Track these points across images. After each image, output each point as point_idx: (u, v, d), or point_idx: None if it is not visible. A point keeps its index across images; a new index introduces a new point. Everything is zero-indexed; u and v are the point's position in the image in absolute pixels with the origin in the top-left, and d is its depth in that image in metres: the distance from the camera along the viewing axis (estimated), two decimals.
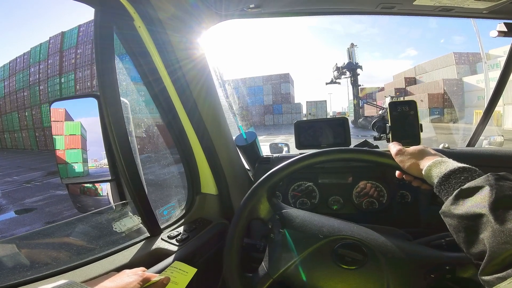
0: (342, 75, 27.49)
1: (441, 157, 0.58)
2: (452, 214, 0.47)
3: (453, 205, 0.48)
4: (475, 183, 0.47)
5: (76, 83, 25.85)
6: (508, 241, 0.38)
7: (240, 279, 0.64)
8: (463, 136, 1.48)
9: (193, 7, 0.84)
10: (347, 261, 0.61)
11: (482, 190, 0.45)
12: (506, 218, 0.40)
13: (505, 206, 0.42)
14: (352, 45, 26.81)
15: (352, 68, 26.25)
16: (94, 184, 1.07)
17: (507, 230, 0.39)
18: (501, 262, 0.39)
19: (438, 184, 0.53)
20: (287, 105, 36.48)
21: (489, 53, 17.16)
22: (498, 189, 0.43)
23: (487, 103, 1.33)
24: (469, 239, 0.44)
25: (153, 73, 0.82)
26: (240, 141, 1.14)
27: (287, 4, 0.97)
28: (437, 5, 0.91)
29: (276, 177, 0.68)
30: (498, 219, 0.41)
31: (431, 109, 21.83)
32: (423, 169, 0.58)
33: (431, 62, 29.04)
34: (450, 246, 0.64)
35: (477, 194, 0.45)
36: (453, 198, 0.48)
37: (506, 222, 0.40)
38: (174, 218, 0.93)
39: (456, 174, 0.52)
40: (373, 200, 1.03)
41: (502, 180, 0.45)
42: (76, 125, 0.93)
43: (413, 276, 0.59)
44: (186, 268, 0.70)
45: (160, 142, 1.51)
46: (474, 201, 0.45)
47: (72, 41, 26.44)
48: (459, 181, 0.50)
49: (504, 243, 0.39)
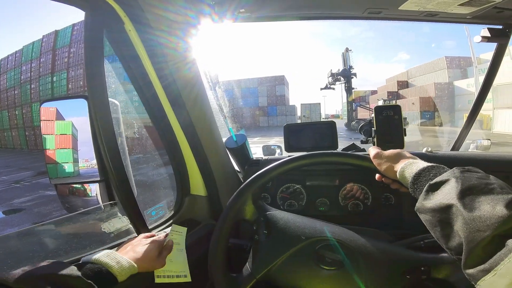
0: (336, 81, 27.92)
1: (414, 159, 0.61)
2: (425, 209, 0.49)
3: (424, 200, 0.49)
4: (442, 177, 0.49)
5: (69, 82, 25.45)
6: (480, 228, 0.39)
7: (225, 278, 0.66)
8: (448, 140, 1.51)
9: (184, 11, 0.85)
10: (328, 262, 0.64)
11: (448, 182, 0.47)
12: (474, 205, 0.41)
13: (472, 194, 0.43)
14: (347, 50, 27.19)
15: (346, 75, 26.65)
16: (83, 185, 1.07)
17: (477, 217, 0.40)
18: (481, 253, 0.38)
19: (412, 184, 0.55)
20: (282, 107, 36.61)
21: (480, 58, 17.54)
22: (464, 180, 0.45)
23: (471, 108, 1.37)
24: (445, 232, 0.45)
25: (143, 76, 0.83)
26: (230, 143, 1.16)
27: (277, 9, 1.00)
28: (422, 10, 0.94)
29: (261, 180, 0.70)
30: (466, 207, 0.42)
31: (423, 112, 22.22)
32: (397, 172, 0.60)
33: (423, 66, 29.56)
34: (429, 248, 0.66)
35: (444, 187, 0.47)
36: (424, 194, 0.50)
37: (474, 209, 0.41)
38: (162, 219, 0.94)
39: (426, 172, 0.54)
40: (358, 202, 1.06)
41: (467, 172, 0.48)
42: (67, 124, 0.93)
43: (390, 278, 0.61)
44: (179, 229, 0.83)
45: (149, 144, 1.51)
46: (442, 194, 0.47)
47: (65, 40, 26.05)
48: (429, 178, 0.52)
49: (477, 230, 0.39)
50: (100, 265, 0.57)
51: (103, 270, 0.56)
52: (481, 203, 0.41)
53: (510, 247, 0.35)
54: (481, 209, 0.40)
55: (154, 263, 0.67)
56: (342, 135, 13.91)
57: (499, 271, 0.35)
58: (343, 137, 12.22)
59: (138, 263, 0.62)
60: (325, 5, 0.99)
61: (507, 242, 0.36)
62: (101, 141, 0.69)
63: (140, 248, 0.66)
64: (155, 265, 0.67)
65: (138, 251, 0.65)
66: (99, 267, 0.56)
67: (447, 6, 0.90)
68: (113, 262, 0.58)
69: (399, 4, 0.89)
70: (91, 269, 0.55)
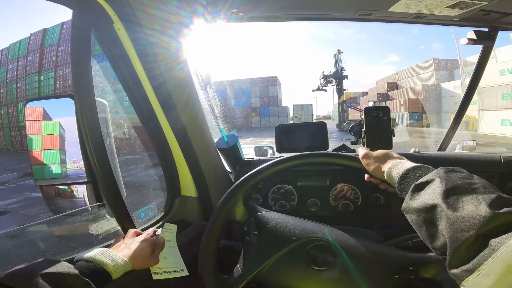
0: (328, 83, 28.27)
1: (401, 159, 0.61)
2: (411, 209, 0.49)
3: (410, 200, 0.50)
4: (427, 177, 0.49)
5: (56, 81, 24.81)
6: (464, 228, 0.39)
7: (215, 280, 0.65)
8: (435, 141, 1.54)
9: (177, 11, 0.84)
10: (318, 263, 0.64)
11: (433, 182, 0.47)
12: (458, 205, 0.42)
13: (456, 194, 0.43)
14: (339, 52, 27.54)
15: (338, 78, 27.04)
16: (69, 186, 1.04)
17: (461, 217, 0.40)
18: (465, 253, 0.38)
19: (398, 184, 0.56)
20: (274, 108, 36.71)
21: (467, 60, 18.03)
22: (448, 180, 0.46)
23: (457, 109, 1.40)
24: (430, 232, 0.45)
25: (132, 76, 0.82)
26: (222, 144, 1.15)
27: (270, 10, 1.00)
28: (411, 12, 0.96)
29: (251, 181, 0.70)
30: (450, 207, 0.42)
31: (411, 113, 22.68)
32: (385, 172, 0.61)
33: (412, 68, 30.17)
34: (416, 247, 0.67)
35: (429, 187, 0.48)
36: (409, 194, 0.50)
37: (458, 209, 0.41)
38: (152, 221, 0.93)
39: (412, 172, 0.54)
40: (348, 203, 1.07)
41: (451, 172, 0.48)
42: (55, 124, 0.90)
43: (379, 277, 0.61)
44: (170, 227, 0.85)
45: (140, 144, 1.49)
46: (427, 194, 0.47)
47: (54, 38, 25.39)
48: (414, 178, 0.53)
49: (460, 230, 0.39)
50: (95, 263, 0.57)
51: (98, 268, 0.56)
52: (465, 203, 0.41)
53: (493, 247, 0.35)
54: (464, 208, 0.40)
55: (148, 261, 0.67)
56: (333, 136, 14.05)
57: (482, 271, 0.35)
58: (334, 138, 12.34)
59: (132, 261, 0.62)
60: (317, 7, 0.99)
61: (490, 241, 0.36)
62: (88, 142, 0.67)
63: (133, 245, 0.66)
64: (149, 263, 0.68)
65: (132, 249, 0.65)
66: (94, 265, 0.56)
67: (435, 8, 0.92)
68: (108, 260, 0.58)
69: (389, 6, 0.91)
70: (87, 267, 0.55)
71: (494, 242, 0.36)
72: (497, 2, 0.83)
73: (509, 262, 0.33)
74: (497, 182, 0.97)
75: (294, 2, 0.95)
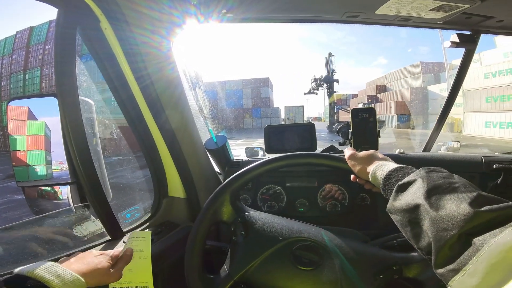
0: (319, 87, 28.69)
1: (385, 160, 0.62)
2: (395, 209, 0.50)
3: (394, 201, 0.50)
4: (409, 178, 0.50)
5: (42, 80, 24.10)
6: (447, 227, 0.39)
7: (201, 280, 0.65)
8: (420, 142, 1.58)
9: (166, 10, 0.83)
10: (304, 262, 0.64)
11: (415, 182, 0.48)
12: (440, 205, 0.42)
13: (437, 193, 0.44)
14: (330, 55, 27.93)
15: (329, 81, 27.49)
16: (53, 187, 1.01)
17: (443, 216, 0.40)
18: (449, 252, 0.39)
19: (382, 185, 0.57)
20: (266, 109, 36.80)
21: (452, 63, 18.53)
22: (429, 180, 0.47)
23: (441, 111, 1.44)
24: (415, 232, 0.46)
25: (119, 75, 0.80)
26: (211, 144, 1.15)
27: (259, 11, 1.00)
28: (396, 15, 0.98)
29: (238, 182, 0.71)
30: (433, 207, 0.42)
31: (399, 115, 23.16)
32: (369, 173, 0.62)
33: (400, 71, 30.82)
34: (401, 247, 0.68)
35: (411, 187, 0.48)
36: (393, 195, 0.51)
37: (440, 208, 0.42)
38: (138, 222, 0.91)
39: (395, 173, 0.55)
40: (336, 203, 1.08)
41: (432, 172, 0.49)
42: (40, 124, 0.88)
43: (364, 277, 0.62)
44: (141, 234, 0.73)
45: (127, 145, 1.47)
46: (410, 194, 0.48)
47: (41, 37, 24.66)
48: (398, 178, 0.53)
49: (443, 229, 0.39)
50: (35, 280, 0.48)
51: (38, 286, 0.47)
52: (446, 202, 0.42)
53: (477, 245, 0.35)
54: (446, 208, 0.41)
55: (107, 277, 0.58)
56: (324, 137, 14.19)
57: (468, 270, 0.35)
58: (325, 139, 12.46)
59: (86, 277, 0.53)
60: (306, 9, 1.01)
61: (473, 240, 0.36)
62: (71, 141, 0.66)
63: (89, 258, 0.57)
64: (108, 279, 0.59)
65: (85, 263, 0.56)
66: (33, 283, 0.47)
67: (419, 11, 0.94)
68: (52, 276, 0.48)
69: (375, 8, 0.93)
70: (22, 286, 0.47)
71: (478, 241, 0.36)
72: (479, 6, 0.85)
73: (493, 261, 0.33)
74: (479, 182, 1.00)
75: (284, 4, 0.96)
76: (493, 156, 1.05)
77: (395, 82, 30.80)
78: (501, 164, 0.98)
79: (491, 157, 1.03)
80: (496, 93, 15.23)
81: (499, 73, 15.18)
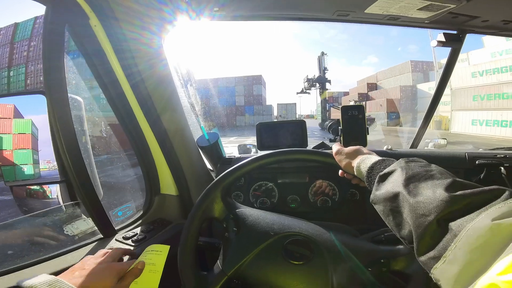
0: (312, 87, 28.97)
1: (369, 154, 0.64)
2: (378, 199, 0.51)
3: (376, 191, 0.52)
4: (390, 168, 0.52)
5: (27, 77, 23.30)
6: (425, 213, 0.40)
7: (195, 277, 0.66)
8: (408, 139, 1.63)
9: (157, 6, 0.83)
10: (296, 257, 0.65)
11: (395, 172, 0.50)
12: (417, 192, 0.43)
13: (415, 181, 0.45)
14: (323, 54, 28.15)
15: (321, 82, 27.80)
16: (42, 186, 1.00)
17: (421, 203, 0.41)
18: (429, 239, 0.39)
19: (366, 178, 0.58)
20: (259, 106, 36.79)
21: (441, 62, 18.92)
22: (408, 169, 0.48)
23: (427, 109, 1.48)
24: (396, 221, 0.46)
25: (109, 73, 0.80)
26: (202, 141, 1.15)
27: (250, 9, 1.01)
28: (385, 14, 1.00)
29: (230, 178, 0.71)
30: (411, 194, 0.43)
31: (389, 113, 23.58)
32: (354, 167, 0.64)
33: (391, 69, 31.31)
34: (389, 240, 0.70)
35: (391, 176, 0.50)
36: (375, 185, 0.53)
37: (418, 195, 0.42)
38: (130, 219, 0.91)
39: (377, 165, 0.57)
40: (326, 199, 1.11)
41: (411, 162, 0.51)
42: (27, 123, 0.86)
43: (354, 271, 0.63)
44: (159, 248, 0.71)
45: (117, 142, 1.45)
46: (390, 183, 0.49)
47: (26, 33, 23.81)
48: (379, 170, 0.55)
49: (422, 215, 0.40)
50: None
51: None
52: (423, 189, 0.43)
53: (454, 231, 0.35)
54: (423, 194, 0.42)
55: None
56: (316, 134, 14.32)
57: (448, 257, 0.35)
58: (317, 137, 12.57)
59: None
60: (297, 7, 1.02)
61: (450, 225, 0.36)
62: (60, 140, 0.65)
63: (94, 273, 0.54)
64: None
65: (90, 277, 0.53)
66: None
67: (407, 10, 0.96)
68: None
69: (365, 7, 0.94)
70: None
71: (455, 226, 0.36)
72: (465, 6, 0.87)
73: (472, 246, 0.32)
74: (463, 177, 1.03)
75: (275, 2, 0.97)
76: (476, 152, 1.09)
77: (385, 80, 31.26)
78: (484, 160, 1.02)
79: (475, 153, 1.07)
80: (483, 92, 15.64)
81: (486, 72, 15.58)
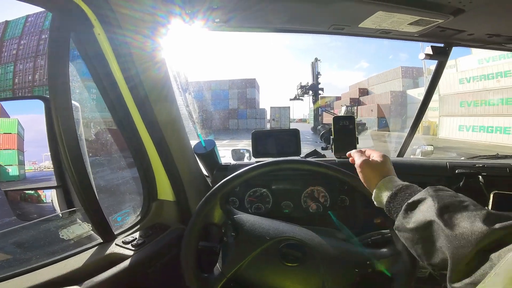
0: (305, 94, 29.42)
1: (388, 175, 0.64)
2: (405, 227, 0.51)
3: (404, 218, 0.52)
4: (418, 196, 0.53)
5: (15, 76, 22.70)
6: (463, 245, 0.41)
7: (197, 279, 0.70)
8: (395, 146, 1.69)
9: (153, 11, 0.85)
10: (290, 259, 0.70)
11: (425, 201, 0.51)
12: (454, 223, 0.44)
13: (449, 211, 0.46)
14: (316, 60, 28.53)
15: (314, 89, 28.26)
16: (36, 191, 1.00)
17: (459, 235, 0.42)
18: (465, 267, 0.40)
19: (387, 203, 0.59)
20: (252, 110, 36.83)
21: (430, 69, 19.44)
22: (439, 198, 0.49)
23: (414, 118, 1.54)
24: (427, 249, 0.47)
25: (110, 80, 0.81)
26: (199, 148, 1.18)
27: (250, 22, 1.05)
28: (378, 28, 1.06)
29: (228, 186, 0.76)
30: (447, 225, 0.44)
31: (379, 118, 24.02)
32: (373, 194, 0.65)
33: (382, 75, 31.91)
34: (375, 244, 0.78)
35: (421, 205, 0.51)
36: (403, 213, 0.53)
37: (455, 227, 0.44)
38: (129, 224, 0.93)
39: (401, 191, 0.58)
40: (318, 204, 1.15)
41: (439, 191, 0.52)
42: (12, 122, 0.86)
43: (343, 272, 0.70)
44: None
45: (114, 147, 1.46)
46: (421, 212, 0.50)
47: (16, 31, 23.15)
48: (405, 197, 0.56)
49: (460, 247, 0.41)
50: None
51: None
52: (460, 220, 0.44)
53: (493, 260, 0.37)
54: (461, 226, 0.43)
55: None
56: (308, 139, 14.44)
57: (486, 283, 0.36)
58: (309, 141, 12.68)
59: None
60: (294, 21, 1.06)
61: (490, 256, 0.38)
62: (63, 146, 0.66)
63: None
64: None
65: None
66: None
67: (398, 25, 1.02)
68: None
69: (359, 22, 1.00)
70: None
71: (494, 256, 0.38)
72: (452, 20, 0.94)
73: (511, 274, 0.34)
74: (444, 184, 1.10)
75: (273, 16, 1.01)
76: (457, 161, 1.16)
77: (376, 85, 31.84)
78: (463, 169, 1.09)
79: (455, 162, 1.14)
80: (470, 98, 16.10)
81: (473, 79, 16.03)
